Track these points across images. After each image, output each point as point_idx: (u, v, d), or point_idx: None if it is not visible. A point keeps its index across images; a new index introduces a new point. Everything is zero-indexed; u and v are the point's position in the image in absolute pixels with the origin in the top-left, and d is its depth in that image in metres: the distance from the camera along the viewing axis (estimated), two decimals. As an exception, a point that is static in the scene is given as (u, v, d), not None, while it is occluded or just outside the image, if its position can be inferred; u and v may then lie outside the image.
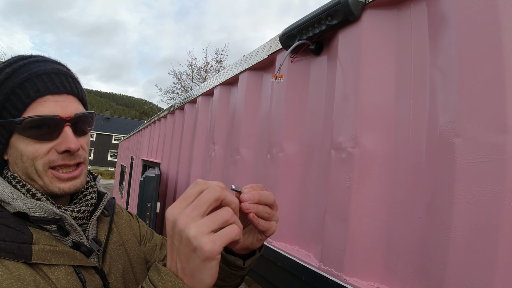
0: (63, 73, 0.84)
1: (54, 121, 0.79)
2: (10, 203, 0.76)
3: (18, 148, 0.80)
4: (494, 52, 0.69)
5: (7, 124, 0.78)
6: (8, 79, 0.79)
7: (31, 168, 0.80)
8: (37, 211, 0.77)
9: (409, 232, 0.86)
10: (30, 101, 0.78)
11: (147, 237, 1.10)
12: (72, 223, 0.80)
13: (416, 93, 0.89)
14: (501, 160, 0.65)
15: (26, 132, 0.78)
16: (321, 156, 1.16)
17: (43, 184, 0.80)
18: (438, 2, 0.84)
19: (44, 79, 0.81)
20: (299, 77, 1.31)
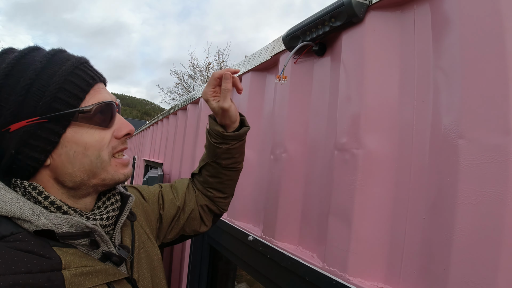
0: (89, 62, 0.83)
1: (113, 106, 0.80)
2: (32, 220, 0.67)
3: (81, 140, 0.74)
4: (497, 54, 0.69)
5: (65, 116, 0.71)
6: (46, 69, 0.71)
7: (96, 160, 0.75)
8: (64, 226, 0.70)
9: (412, 233, 0.86)
10: (89, 88, 0.75)
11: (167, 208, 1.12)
12: (102, 234, 0.75)
13: (420, 95, 0.90)
14: (504, 161, 0.65)
15: (91, 119, 0.74)
16: (324, 157, 1.17)
17: (106, 177, 0.78)
18: (442, 4, 0.84)
19: (88, 67, 0.78)
20: (302, 78, 1.32)
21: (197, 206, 1.19)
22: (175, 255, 2.66)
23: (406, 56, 0.96)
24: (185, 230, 1.17)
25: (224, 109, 1.04)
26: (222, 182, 1.19)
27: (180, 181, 1.24)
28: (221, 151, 1.11)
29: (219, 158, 1.13)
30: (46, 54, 0.73)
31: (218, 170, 1.16)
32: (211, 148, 1.13)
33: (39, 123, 0.69)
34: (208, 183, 1.20)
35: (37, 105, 0.69)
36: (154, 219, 1.07)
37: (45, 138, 0.71)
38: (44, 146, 0.71)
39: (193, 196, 1.19)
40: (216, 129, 1.09)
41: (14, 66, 0.69)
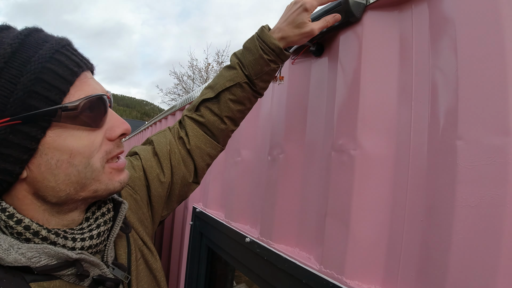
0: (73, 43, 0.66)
1: (105, 101, 0.64)
2: (1, 257, 0.54)
3: (65, 146, 0.59)
4: (496, 54, 0.68)
5: (44, 116, 0.56)
6: (18, 54, 0.55)
7: (85, 170, 0.61)
8: (42, 259, 0.57)
9: (410, 235, 0.85)
10: (75, 78, 0.60)
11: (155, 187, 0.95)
12: (91, 260, 0.63)
13: (417, 95, 0.89)
14: (503, 163, 0.65)
15: (77, 119, 0.59)
16: (322, 158, 1.16)
17: (98, 188, 0.65)
18: (440, 3, 0.84)
19: (71, 51, 0.62)
20: (300, 78, 1.31)
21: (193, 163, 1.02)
22: (172, 256, 2.65)
23: (403, 56, 0.95)
24: (180, 199, 1.04)
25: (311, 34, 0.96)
26: (243, 110, 1.05)
27: (158, 141, 1.01)
28: (268, 70, 0.98)
29: (259, 78, 0.99)
30: (18, 34, 0.57)
31: (247, 95, 1.01)
32: (256, 65, 0.97)
33: (11, 126, 0.54)
34: (227, 110, 1.01)
35: (7, 102, 0.54)
36: (145, 209, 0.93)
37: (20, 145, 0.56)
38: (19, 155, 0.57)
39: (179, 158, 0.99)
40: (276, 43, 0.95)
41: None
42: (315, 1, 0.95)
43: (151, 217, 0.95)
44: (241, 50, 1.03)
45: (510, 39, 0.67)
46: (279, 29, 0.97)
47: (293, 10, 0.96)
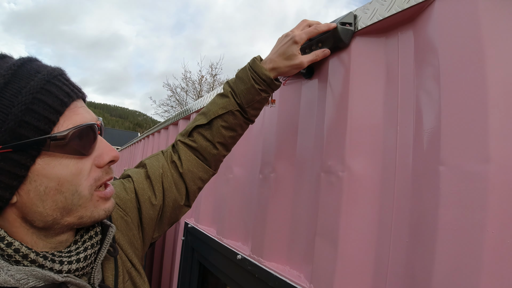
0: (66, 73, 0.68)
1: (93, 129, 0.66)
2: None
3: (53, 174, 0.61)
4: (477, 83, 0.72)
5: (33, 145, 0.58)
6: (10, 84, 0.58)
7: (72, 197, 0.63)
8: (30, 281, 0.59)
9: (396, 255, 0.88)
10: (64, 108, 0.62)
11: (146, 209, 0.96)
12: (77, 282, 0.64)
13: (402, 119, 0.92)
14: (483, 188, 0.67)
15: (66, 147, 0.61)
16: (311, 178, 1.18)
17: (84, 214, 0.66)
18: (424, 31, 0.88)
19: (63, 81, 0.64)
20: (290, 99, 1.34)
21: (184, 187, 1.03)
22: (164, 271, 2.64)
23: (390, 81, 0.99)
24: (171, 221, 1.05)
25: (300, 67, 1.03)
26: (235, 136, 1.08)
27: (151, 164, 1.03)
28: (259, 99, 1.02)
29: (250, 106, 1.03)
30: (11, 65, 0.60)
31: (239, 122, 1.05)
32: (248, 94, 1.01)
33: (2, 154, 0.57)
34: (219, 136, 1.04)
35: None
36: (135, 232, 0.94)
37: (10, 172, 0.58)
38: (9, 182, 0.59)
39: (171, 181, 1.01)
40: (267, 74, 1.00)
41: None
42: (304, 34, 1.02)
43: (141, 238, 0.95)
44: (234, 79, 1.07)
45: (492, 68, 0.71)
46: (270, 60, 1.03)
47: (283, 42, 1.03)
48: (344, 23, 1.04)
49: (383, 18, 0.94)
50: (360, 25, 1.02)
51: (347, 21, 1.04)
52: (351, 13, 1.05)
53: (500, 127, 0.69)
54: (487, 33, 0.73)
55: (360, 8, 1.03)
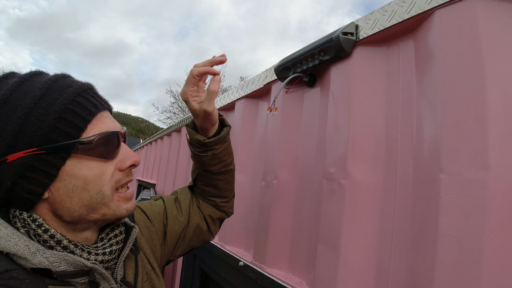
0: (95, 88, 0.77)
1: (117, 136, 0.74)
2: (27, 258, 0.63)
3: (80, 174, 0.69)
4: (477, 91, 0.73)
5: (64, 148, 0.66)
6: (46, 96, 0.67)
7: (96, 196, 0.70)
8: (62, 265, 0.66)
9: (397, 262, 0.88)
10: (92, 117, 0.70)
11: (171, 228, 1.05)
12: (102, 272, 0.71)
13: (403, 128, 0.93)
14: (483, 196, 0.69)
15: (92, 151, 0.69)
16: (314, 185, 1.19)
17: (107, 212, 0.73)
18: (425, 41, 0.89)
19: (91, 94, 0.73)
20: (293, 107, 1.36)
21: (203, 217, 1.13)
22: (165, 277, 2.64)
23: (391, 89, 1.00)
24: (193, 244, 1.12)
25: (207, 112, 0.96)
26: (218, 187, 1.13)
27: (182, 192, 1.16)
28: (207, 158, 1.04)
29: (207, 166, 1.06)
30: (47, 80, 0.69)
31: (211, 178, 1.10)
32: (197, 158, 1.07)
33: (37, 155, 0.65)
34: (205, 192, 1.14)
35: (34, 136, 0.64)
36: (158, 242, 1.01)
37: (43, 171, 0.66)
38: (42, 179, 0.67)
39: (197, 209, 1.13)
40: (196, 138, 1.02)
41: (12, 93, 0.65)
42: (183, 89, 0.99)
43: (163, 250, 1.03)
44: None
45: (491, 77, 0.72)
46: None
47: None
48: (346, 33, 1.05)
49: (384, 28, 0.96)
50: (361, 34, 1.03)
51: (349, 31, 1.06)
52: (353, 23, 1.07)
53: (500, 135, 0.70)
54: (487, 43, 0.74)
55: (361, 18, 1.05)
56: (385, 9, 0.96)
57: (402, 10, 0.91)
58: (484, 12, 0.75)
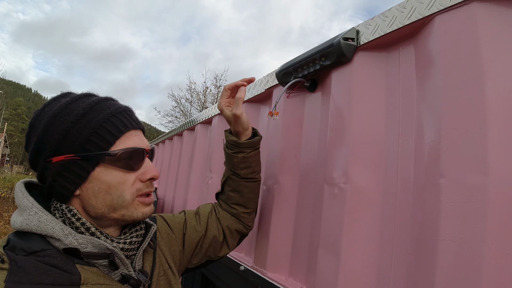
0: (132, 111, 0.93)
1: (141, 152, 0.88)
2: (61, 239, 0.77)
3: (104, 180, 0.83)
4: (477, 96, 0.74)
5: (94, 157, 0.81)
6: (87, 114, 0.82)
7: (118, 199, 0.84)
8: (88, 247, 0.79)
9: (398, 267, 0.88)
10: (120, 135, 0.85)
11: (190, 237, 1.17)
12: (122, 257, 0.83)
13: (404, 133, 0.94)
14: (483, 201, 0.69)
15: (117, 162, 0.83)
16: (315, 190, 1.19)
17: (125, 213, 0.86)
18: (425, 46, 0.89)
19: (125, 116, 0.88)
20: (294, 112, 1.36)
21: (221, 229, 1.24)
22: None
23: (391, 94, 1.00)
24: (209, 255, 1.22)
25: (236, 115, 1.16)
26: (244, 195, 1.26)
27: (203, 206, 1.30)
28: (238, 160, 1.21)
29: (237, 168, 1.23)
30: (91, 102, 0.84)
31: (238, 183, 1.25)
32: (229, 159, 1.25)
33: (74, 160, 0.81)
34: (231, 198, 1.27)
35: (74, 144, 0.80)
36: (177, 248, 1.12)
37: (76, 173, 0.81)
38: (75, 179, 0.82)
39: (215, 221, 1.25)
40: (231, 139, 1.22)
41: (62, 110, 0.82)
42: (219, 101, 1.26)
43: (181, 256, 1.14)
44: None
45: (491, 81, 0.73)
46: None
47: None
48: (346, 38, 1.06)
49: (384, 33, 0.97)
50: (362, 40, 1.04)
51: (350, 36, 1.06)
52: (354, 28, 1.07)
53: (500, 140, 0.70)
54: (487, 48, 0.75)
55: (362, 23, 1.06)
56: (386, 14, 0.97)
57: (403, 15, 0.91)
58: (484, 17, 0.76)
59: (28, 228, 0.77)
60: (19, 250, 0.75)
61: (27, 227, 0.77)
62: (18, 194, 0.83)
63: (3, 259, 0.71)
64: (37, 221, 0.78)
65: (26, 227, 0.78)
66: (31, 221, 0.78)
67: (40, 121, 0.83)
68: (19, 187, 0.85)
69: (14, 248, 0.75)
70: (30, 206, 0.80)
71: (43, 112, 0.85)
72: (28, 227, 0.77)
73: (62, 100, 0.85)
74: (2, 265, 0.70)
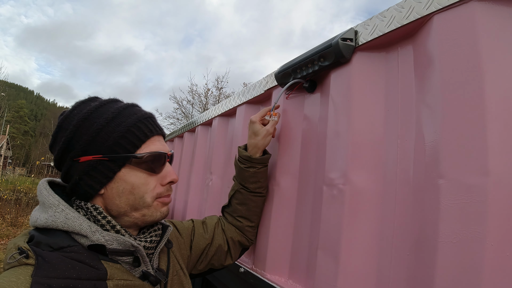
0: (154, 117, 0.97)
1: (163, 156, 0.92)
2: (88, 236, 0.80)
3: (129, 181, 0.87)
4: (476, 96, 0.73)
5: (121, 159, 0.85)
6: (116, 119, 0.86)
7: (139, 199, 0.88)
8: (114, 244, 0.83)
9: (397, 269, 0.88)
10: (146, 139, 0.89)
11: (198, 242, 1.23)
12: (144, 254, 0.87)
13: (403, 133, 0.93)
14: (483, 201, 0.68)
15: (142, 165, 0.87)
16: (314, 191, 1.19)
17: (146, 213, 0.90)
18: (424, 46, 0.89)
19: (150, 122, 0.93)
20: (293, 113, 1.36)
21: (226, 239, 1.30)
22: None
23: (390, 94, 1.00)
24: (213, 263, 1.27)
25: (269, 132, 1.27)
26: (250, 209, 1.34)
27: (210, 217, 1.37)
28: (249, 174, 1.30)
29: (247, 182, 1.31)
30: (119, 107, 0.89)
31: (246, 196, 1.33)
32: (240, 173, 1.32)
33: (101, 160, 0.84)
34: (237, 211, 1.35)
35: (102, 146, 0.84)
36: (186, 253, 1.18)
37: (103, 173, 0.85)
38: (101, 179, 0.85)
39: (221, 231, 1.31)
40: (245, 154, 1.31)
41: (92, 113, 0.86)
42: (256, 114, 1.33)
43: (188, 260, 1.19)
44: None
45: (490, 81, 0.72)
46: (248, 144, 1.34)
47: (248, 127, 1.34)
48: (345, 39, 1.06)
49: (383, 33, 0.96)
50: (360, 40, 1.04)
51: (348, 36, 1.06)
52: (352, 29, 1.07)
53: (499, 140, 0.69)
54: (485, 47, 0.74)
55: (360, 24, 1.05)
56: (384, 14, 0.96)
57: (401, 15, 0.91)
58: (482, 16, 0.75)
59: (53, 225, 0.80)
60: (44, 246, 0.76)
61: (53, 224, 0.80)
62: (43, 192, 0.85)
63: (28, 254, 0.73)
64: (64, 218, 0.80)
65: (51, 224, 0.80)
66: (58, 218, 0.80)
67: (69, 123, 0.86)
68: (44, 185, 0.87)
69: (40, 243, 0.77)
70: (57, 203, 0.83)
71: (71, 114, 0.88)
72: (54, 224, 0.80)
73: (91, 104, 0.89)
74: (27, 261, 0.72)
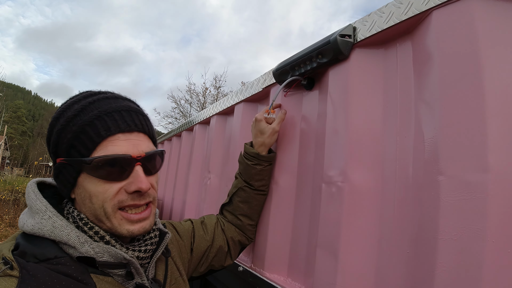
0: (134, 110, 0.82)
1: (125, 160, 0.76)
2: (76, 247, 0.73)
3: (86, 188, 0.76)
4: (475, 93, 0.72)
5: (76, 163, 0.75)
6: (77, 116, 0.76)
7: (99, 210, 0.76)
8: (105, 256, 0.74)
9: (397, 266, 0.87)
10: (101, 140, 0.75)
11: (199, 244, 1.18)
12: (137, 266, 0.79)
13: (402, 130, 0.92)
14: (483, 198, 0.68)
15: (95, 172, 0.74)
16: (312, 189, 1.18)
17: (111, 226, 0.77)
18: (423, 42, 0.88)
19: (114, 117, 0.77)
20: (291, 110, 1.35)
21: (226, 239, 1.27)
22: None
23: (389, 91, 0.99)
24: (213, 264, 1.23)
25: (275, 130, 1.28)
26: (252, 206, 1.32)
27: (208, 217, 1.32)
28: (255, 171, 1.28)
29: (252, 179, 1.30)
30: (85, 102, 0.78)
31: (250, 194, 1.31)
32: (246, 170, 1.30)
33: (64, 163, 0.77)
34: (238, 209, 1.32)
35: (62, 148, 0.77)
36: (186, 256, 1.12)
37: (66, 177, 0.78)
38: (66, 183, 0.79)
39: (221, 232, 1.27)
40: (253, 151, 1.29)
41: (63, 111, 0.78)
42: (261, 112, 1.32)
43: (189, 263, 1.14)
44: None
45: (490, 77, 0.72)
46: (254, 142, 1.32)
47: (252, 126, 1.34)
48: (343, 35, 1.05)
49: (381, 29, 0.95)
50: (359, 37, 1.03)
51: (346, 33, 1.05)
52: (350, 25, 1.06)
53: (499, 136, 0.69)
54: (484, 42, 0.74)
55: (359, 20, 1.05)
56: (383, 10, 0.95)
57: (400, 11, 0.90)
58: (481, 11, 0.75)
59: (40, 233, 0.73)
60: (30, 257, 0.70)
61: (39, 232, 0.73)
62: (31, 195, 0.79)
63: (12, 266, 0.66)
64: (51, 226, 0.73)
65: (38, 232, 0.73)
66: (45, 225, 0.73)
67: (51, 121, 0.81)
68: (31, 187, 0.80)
69: (25, 254, 0.71)
70: (44, 209, 0.76)
71: (56, 111, 0.82)
72: (40, 232, 0.73)
73: (69, 101, 0.81)
74: (12, 272, 0.66)
